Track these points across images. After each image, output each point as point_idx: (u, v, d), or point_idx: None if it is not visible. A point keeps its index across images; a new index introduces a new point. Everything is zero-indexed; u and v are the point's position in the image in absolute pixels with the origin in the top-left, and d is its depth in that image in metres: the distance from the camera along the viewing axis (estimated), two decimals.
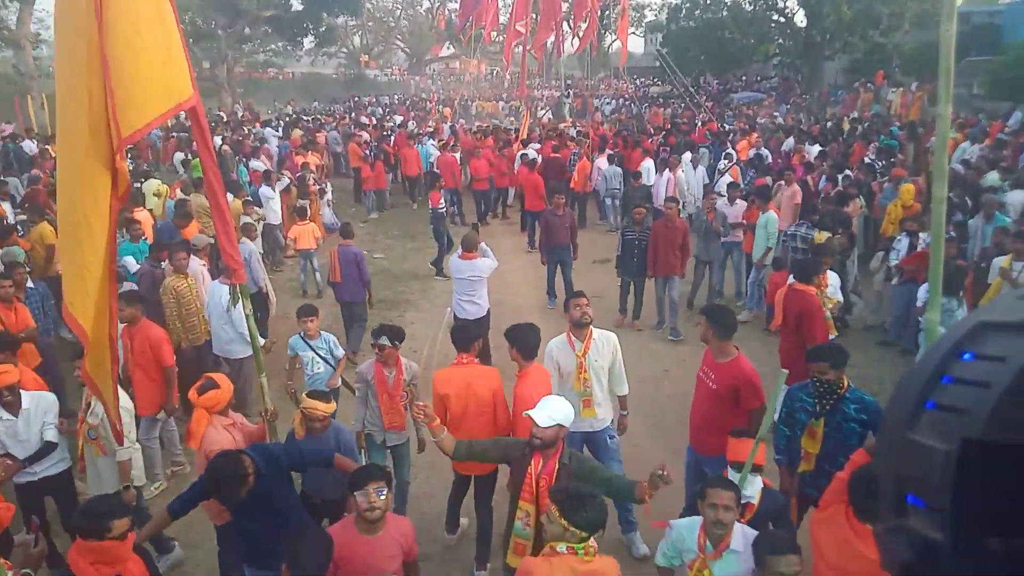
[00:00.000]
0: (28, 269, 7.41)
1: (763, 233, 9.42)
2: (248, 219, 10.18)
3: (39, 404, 4.79)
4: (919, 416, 0.78)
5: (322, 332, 6.41)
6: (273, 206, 12.13)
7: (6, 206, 11.11)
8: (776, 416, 4.61)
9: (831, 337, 6.32)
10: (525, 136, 18.48)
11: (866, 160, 13.76)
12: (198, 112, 4.09)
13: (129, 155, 17.90)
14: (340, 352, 6.44)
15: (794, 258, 8.59)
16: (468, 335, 5.03)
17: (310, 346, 6.24)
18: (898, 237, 8.90)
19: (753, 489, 3.89)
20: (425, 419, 3.83)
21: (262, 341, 6.60)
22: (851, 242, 9.16)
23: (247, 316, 4.56)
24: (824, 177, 12.37)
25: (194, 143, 4.60)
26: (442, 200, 12.26)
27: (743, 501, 3.79)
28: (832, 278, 7.08)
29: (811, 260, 7.13)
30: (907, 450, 0.78)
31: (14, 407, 4.67)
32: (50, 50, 42.20)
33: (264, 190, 12.27)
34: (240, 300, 4.58)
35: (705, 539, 3.44)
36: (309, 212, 11.76)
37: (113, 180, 3.72)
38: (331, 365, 6.29)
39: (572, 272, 10.22)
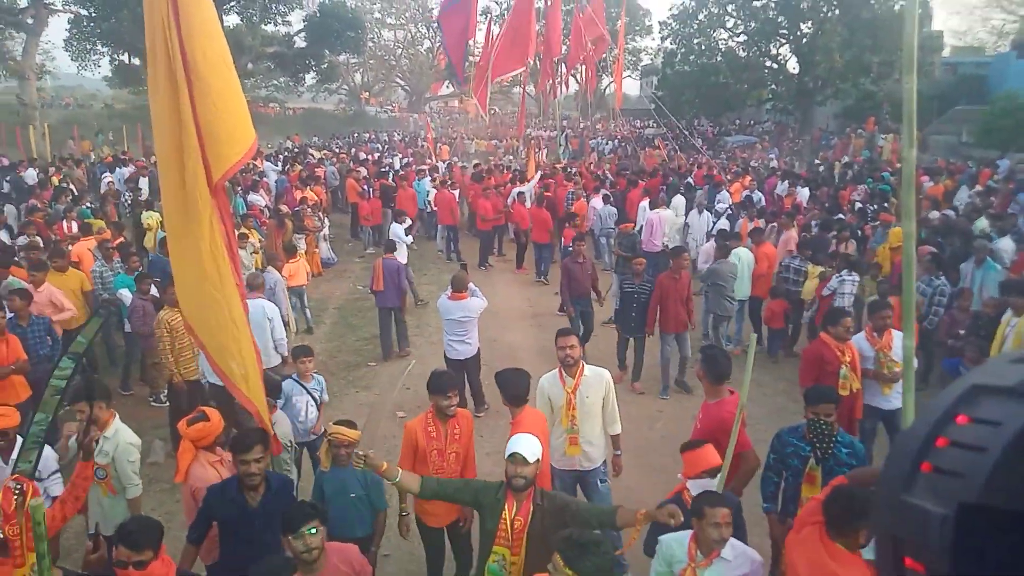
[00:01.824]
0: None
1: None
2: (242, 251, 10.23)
3: (44, 462, 4.45)
4: (916, 478, 0.78)
5: (314, 375, 6.22)
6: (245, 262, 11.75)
7: (3, 235, 11.13)
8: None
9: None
10: (534, 175, 18.64)
11: (857, 204, 13.94)
12: None
13: (129, 188, 18.04)
14: (326, 397, 6.35)
15: (787, 288, 9.59)
16: (442, 383, 4.61)
17: (306, 389, 5.99)
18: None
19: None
20: (368, 467, 3.71)
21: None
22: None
23: None
24: (815, 222, 12.54)
25: None
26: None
27: None
28: (896, 338, 6.08)
29: (836, 311, 6.54)
30: (904, 512, 0.77)
31: (6, 454, 4.41)
32: (54, 81, 42.79)
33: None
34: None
35: (696, 549, 3.51)
36: (304, 248, 11.77)
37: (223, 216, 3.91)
38: (317, 409, 6.09)
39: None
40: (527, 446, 3.61)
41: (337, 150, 29.82)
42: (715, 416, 4.64)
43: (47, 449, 4.56)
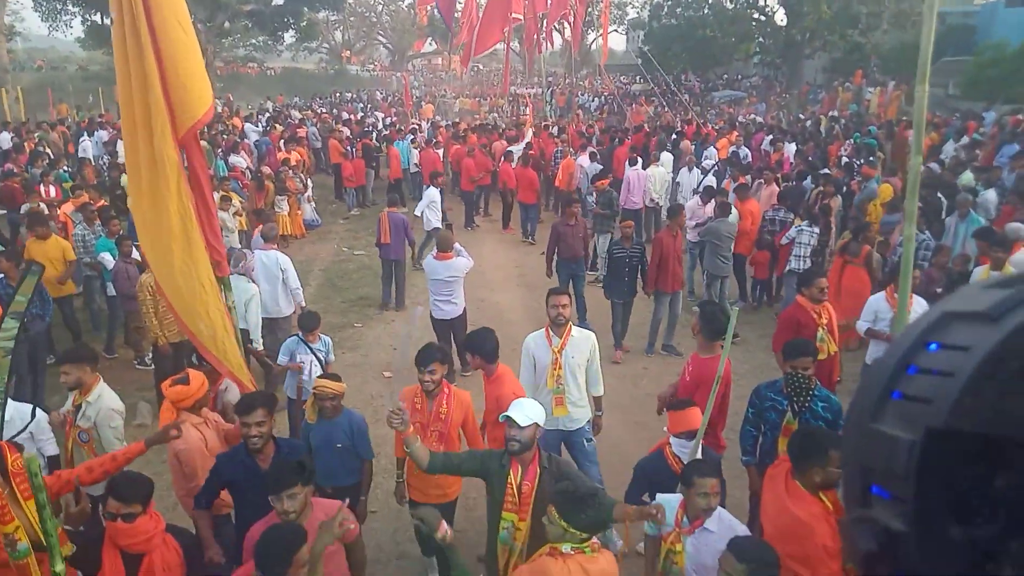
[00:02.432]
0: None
1: None
2: (224, 214, 10.10)
3: (36, 424, 4.51)
4: (885, 407, 0.78)
5: (320, 335, 6.16)
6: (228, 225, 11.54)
7: None
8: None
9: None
10: (532, 130, 18.43)
11: (844, 159, 13.91)
12: None
13: (107, 151, 17.72)
14: (332, 358, 6.27)
15: (770, 240, 9.66)
16: (422, 355, 4.42)
17: (310, 349, 6.01)
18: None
19: (697, 452, 4.12)
20: (399, 425, 3.57)
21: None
22: (826, 233, 9.60)
23: (229, 308, 4.53)
24: (800, 175, 12.52)
25: None
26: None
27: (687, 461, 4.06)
28: (918, 303, 5.78)
29: (810, 272, 6.42)
30: (872, 441, 0.78)
31: None
32: (24, 42, 41.66)
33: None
34: (225, 292, 4.55)
35: (684, 515, 3.57)
36: (287, 210, 11.63)
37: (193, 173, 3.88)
38: (323, 369, 6.05)
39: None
40: (519, 410, 3.59)
41: (320, 111, 29.32)
42: (706, 370, 4.70)
43: (39, 412, 4.60)
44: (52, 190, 11.50)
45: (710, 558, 3.43)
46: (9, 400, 4.48)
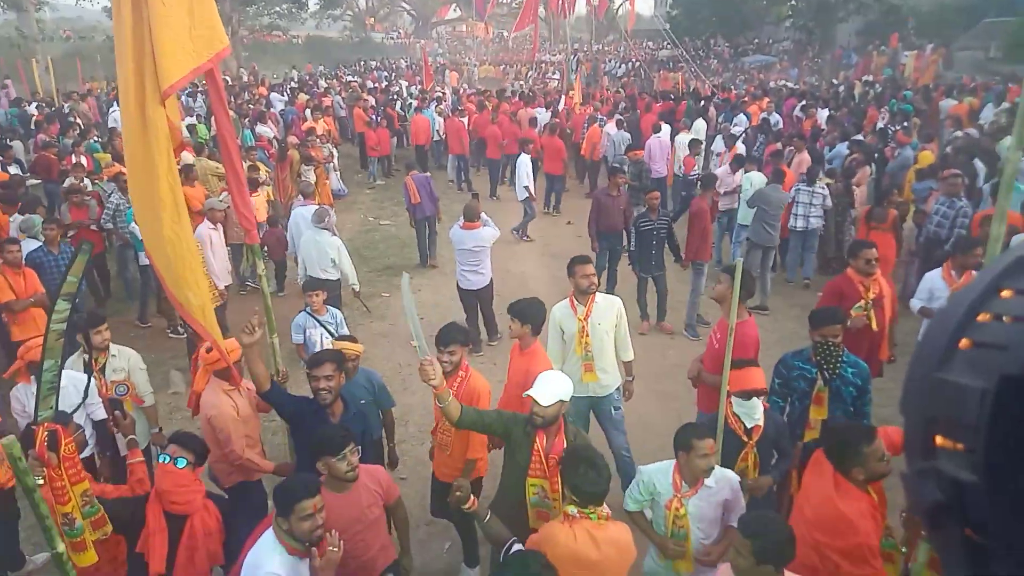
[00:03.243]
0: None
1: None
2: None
3: (75, 384, 4.62)
4: (952, 355, 0.76)
5: (328, 307, 6.16)
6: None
7: (13, 171, 11.08)
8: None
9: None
10: (579, 99, 18.12)
11: (878, 125, 13.57)
12: (214, 72, 4.06)
13: None
14: (345, 330, 6.11)
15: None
16: (440, 336, 4.38)
17: (319, 322, 5.95)
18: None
19: (759, 413, 4.08)
20: (432, 377, 3.50)
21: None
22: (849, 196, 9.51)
23: (260, 276, 4.57)
24: (834, 143, 12.23)
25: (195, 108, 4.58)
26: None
27: (751, 425, 4.06)
28: None
29: (857, 243, 6.05)
30: (938, 390, 0.76)
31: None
32: (53, 12, 41.86)
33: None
34: (255, 260, 4.61)
35: (680, 480, 3.58)
36: (314, 179, 11.64)
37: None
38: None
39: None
40: (542, 388, 3.59)
41: (346, 79, 29.21)
42: (740, 334, 4.60)
43: (84, 377, 4.69)
44: (83, 159, 11.63)
45: (711, 511, 3.57)
46: (67, 374, 4.63)
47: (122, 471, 4.30)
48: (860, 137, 12.38)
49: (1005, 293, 0.75)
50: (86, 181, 9.74)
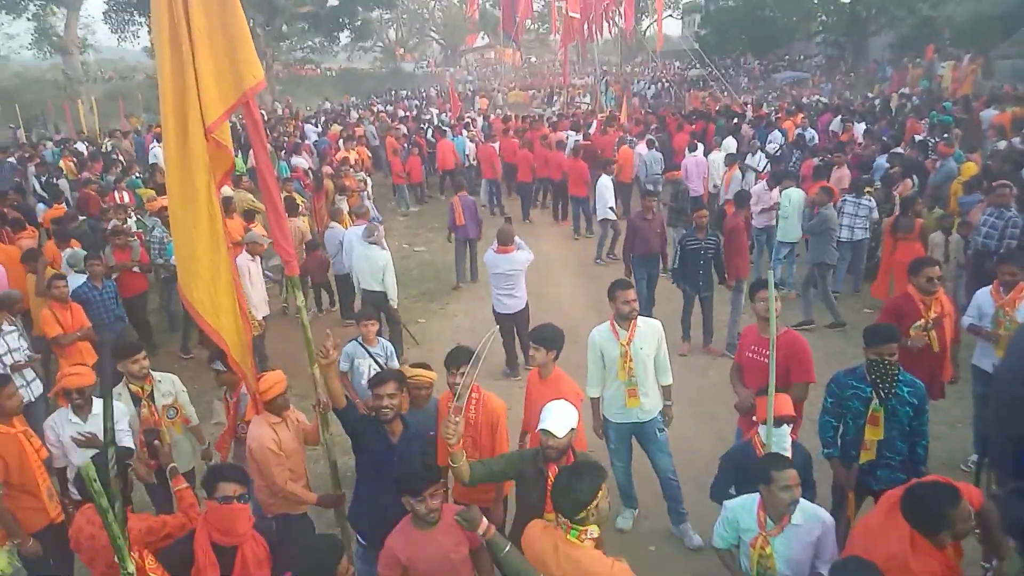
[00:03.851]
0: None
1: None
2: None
3: (115, 412, 4.74)
4: None
5: (380, 339, 5.98)
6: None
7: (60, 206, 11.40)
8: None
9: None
10: (625, 117, 18.09)
11: (917, 138, 13.29)
12: (251, 105, 4.08)
13: None
14: (395, 363, 5.92)
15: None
16: (449, 358, 4.38)
17: (369, 353, 5.79)
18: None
19: (787, 442, 3.98)
20: (453, 436, 3.42)
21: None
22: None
23: (300, 307, 4.53)
24: (873, 156, 12.00)
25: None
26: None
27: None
28: None
29: (921, 260, 5.71)
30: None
31: (83, 411, 4.62)
32: (96, 54, 43.48)
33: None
34: (294, 293, 4.59)
35: (765, 516, 3.42)
36: (347, 208, 11.77)
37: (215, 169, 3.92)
38: None
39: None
40: (554, 420, 3.53)
41: (376, 110, 29.70)
42: (783, 348, 4.58)
43: (118, 403, 4.73)
44: (126, 196, 11.94)
45: (800, 552, 3.35)
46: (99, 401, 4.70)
47: (165, 499, 4.33)
48: (900, 150, 12.13)
49: None
50: (129, 221, 9.98)
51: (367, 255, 8.12)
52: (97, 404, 4.70)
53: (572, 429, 3.57)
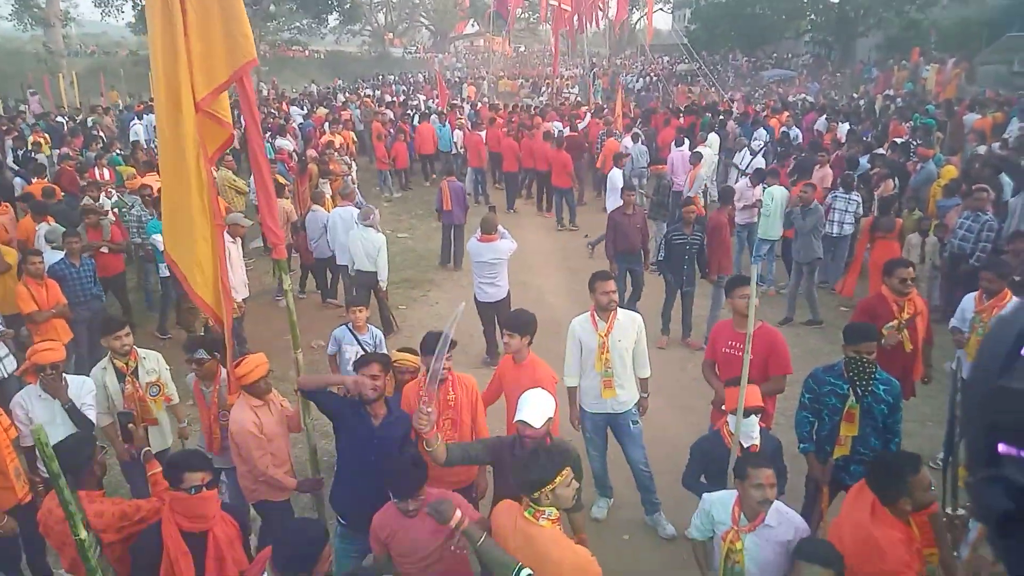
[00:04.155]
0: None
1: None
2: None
3: (82, 387, 4.68)
4: (1014, 363, 0.76)
5: (370, 326, 5.90)
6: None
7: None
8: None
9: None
10: (619, 115, 17.93)
11: (899, 140, 13.43)
12: (245, 83, 4.02)
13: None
14: (384, 351, 5.82)
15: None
16: (428, 342, 4.34)
17: (358, 340, 5.74)
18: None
19: (755, 432, 4.05)
20: (427, 426, 3.43)
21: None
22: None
23: (286, 291, 4.54)
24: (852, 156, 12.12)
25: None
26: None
27: (747, 444, 4.00)
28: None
29: (894, 261, 5.78)
30: (1000, 398, 0.76)
31: (54, 387, 4.51)
32: (78, 28, 42.72)
33: None
34: (281, 275, 4.58)
35: (740, 512, 3.45)
36: (331, 193, 11.70)
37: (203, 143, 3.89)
38: None
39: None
40: (531, 410, 3.56)
41: (363, 94, 29.45)
42: (761, 342, 4.67)
43: (85, 379, 4.78)
44: (106, 172, 11.78)
45: (772, 553, 3.37)
46: (70, 377, 4.68)
47: (143, 481, 4.30)
48: (882, 151, 12.26)
49: None
50: (108, 200, 9.83)
51: (363, 236, 8.40)
52: (72, 380, 4.66)
53: (549, 419, 3.59)
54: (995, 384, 0.76)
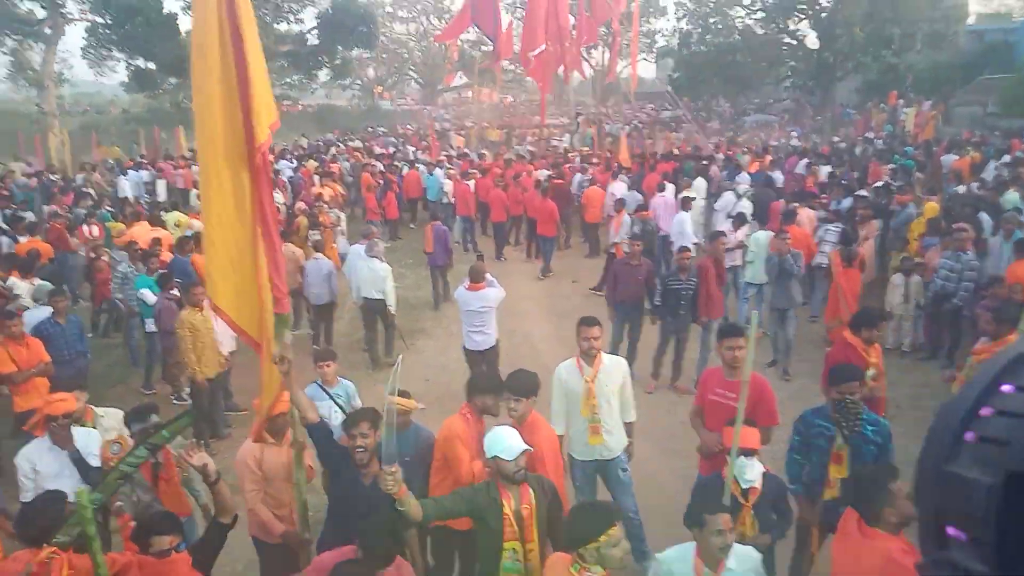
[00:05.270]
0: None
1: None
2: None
3: (88, 438, 4.71)
4: (959, 449, 0.78)
5: (341, 379, 5.84)
6: None
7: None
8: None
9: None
10: (622, 162, 18.03)
11: (879, 183, 13.66)
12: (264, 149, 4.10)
13: (148, 191, 18.24)
14: (358, 403, 5.79)
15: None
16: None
17: (328, 395, 5.60)
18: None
19: (755, 473, 3.95)
20: (393, 487, 3.28)
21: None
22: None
23: (282, 355, 4.37)
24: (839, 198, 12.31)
25: None
26: None
27: (745, 487, 3.91)
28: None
29: (874, 313, 5.95)
30: (947, 483, 0.78)
31: (62, 438, 4.51)
32: (72, 88, 43.32)
33: None
34: (282, 331, 4.35)
35: (703, 565, 3.28)
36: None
37: (255, 184, 3.94)
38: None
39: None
40: (501, 444, 3.56)
41: (352, 146, 29.79)
42: (751, 391, 4.49)
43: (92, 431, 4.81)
44: (95, 229, 11.83)
45: None
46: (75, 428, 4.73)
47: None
48: (863, 193, 12.45)
49: (1006, 388, 0.77)
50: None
51: (370, 267, 9.18)
52: (78, 432, 4.67)
53: (523, 451, 3.56)
54: (942, 468, 0.78)
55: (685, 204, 12.29)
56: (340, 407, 5.58)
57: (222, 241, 3.95)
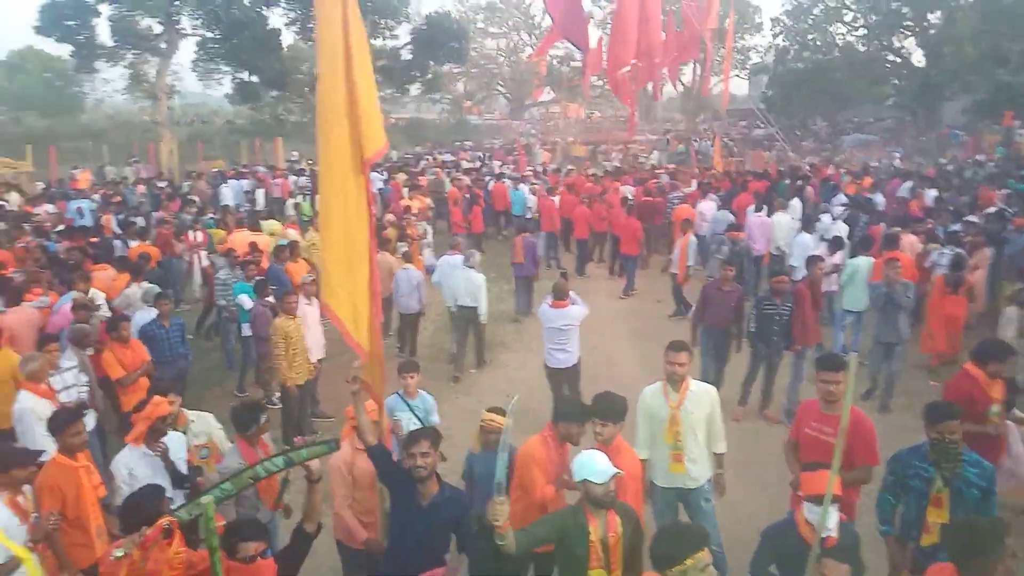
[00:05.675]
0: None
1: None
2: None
3: (178, 442, 4.92)
4: None
5: (421, 392, 5.87)
6: None
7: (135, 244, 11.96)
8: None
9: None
10: (715, 167, 17.86)
11: (991, 208, 12.83)
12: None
13: (248, 200, 19.13)
14: (435, 418, 5.85)
15: None
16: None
17: (409, 406, 5.68)
18: None
19: (832, 522, 3.74)
20: (500, 518, 3.25)
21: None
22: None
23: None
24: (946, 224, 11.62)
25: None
26: None
27: (823, 535, 3.68)
28: None
29: (1005, 347, 5.45)
30: None
31: (154, 442, 4.68)
32: (181, 99, 46.02)
33: None
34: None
35: None
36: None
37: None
38: None
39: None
40: (592, 469, 3.52)
41: (440, 159, 30.36)
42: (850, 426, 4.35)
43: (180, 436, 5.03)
44: (200, 235, 12.47)
45: None
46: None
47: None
48: (974, 218, 11.73)
49: None
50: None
51: (466, 277, 9.56)
52: (168, 437, 4.84)
53: (612, 475, 3.51)
54: None
55: (807, 225, 11.68)
56: (419, 419, 5.65)
57: (343, 246, 4.10)
